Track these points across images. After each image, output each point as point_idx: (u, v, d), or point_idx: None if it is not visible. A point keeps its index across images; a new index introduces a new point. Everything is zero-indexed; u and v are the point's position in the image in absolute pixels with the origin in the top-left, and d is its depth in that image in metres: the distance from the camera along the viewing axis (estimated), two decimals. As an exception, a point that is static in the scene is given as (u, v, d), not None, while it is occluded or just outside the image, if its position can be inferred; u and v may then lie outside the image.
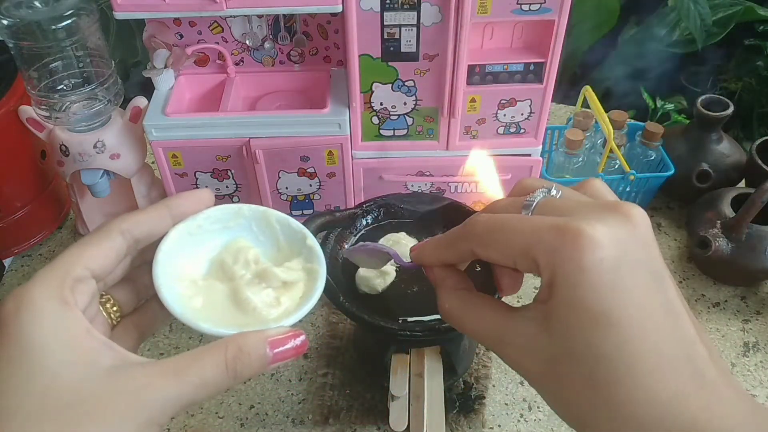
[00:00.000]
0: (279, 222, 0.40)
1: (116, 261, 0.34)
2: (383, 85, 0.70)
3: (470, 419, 0.63)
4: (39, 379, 0.28)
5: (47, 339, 0.29)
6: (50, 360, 0.29)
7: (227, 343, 0.32)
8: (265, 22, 0.76)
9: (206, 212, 0.37)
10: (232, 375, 0.31)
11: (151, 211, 0.36)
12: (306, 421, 0.64)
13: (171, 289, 0.34)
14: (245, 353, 0.32)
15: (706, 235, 0.74)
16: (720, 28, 1.43)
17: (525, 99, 0.71)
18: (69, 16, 0.64)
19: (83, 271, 0.32)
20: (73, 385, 0.29)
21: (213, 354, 0.31)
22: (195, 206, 0.37)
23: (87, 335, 0.30)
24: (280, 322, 0.35)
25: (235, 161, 0.75)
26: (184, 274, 0.37)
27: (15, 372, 0.28)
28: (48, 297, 0.30)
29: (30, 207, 0.80)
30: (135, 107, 0.73)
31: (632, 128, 0.87)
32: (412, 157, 0.76)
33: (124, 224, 0.34)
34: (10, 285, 0.79)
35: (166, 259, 0.35)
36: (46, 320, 0.29)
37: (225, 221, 0.39)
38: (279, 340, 0.33)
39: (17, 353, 0.29)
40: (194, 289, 0.37)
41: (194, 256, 0.38)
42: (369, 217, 0.60)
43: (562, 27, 0.65)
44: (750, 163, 0.83)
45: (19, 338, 0.29)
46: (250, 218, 0.39)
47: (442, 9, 0.63)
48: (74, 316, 0.30)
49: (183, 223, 0.36)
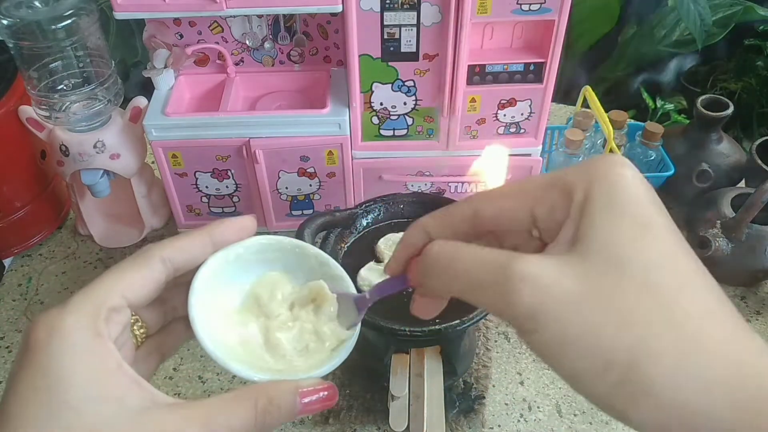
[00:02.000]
0: (318, 260, 0.39)
1: (155, 291, 0.33)
2: (383, 85, 0.70)
3: (470, 419, 0.63)
4: (66, 414, 0.27)
5: (76, 373, 0.28)
6: (77, 395, 0.28)
7: (258, 393, 0.31)
8: (265, 22, 0.76)
9: (247, 242, 0.36)
10: (260, 427, 0.30)
11: (193, 238, 0.34)
12: (306, 421, 0.64)
13: (204, 322, 0.34)
14: (275, 405, 0.31)
15: (706, 235, 0.74)
16: (720, 28, 1.43)
17: (525, 99, 0.71)
18: (69, 16, 0.64)
19: (120, 300, 0.31)
20: (98, 425, 0.28)
21: (243, 404, 0.30)
22: (237, 234, 0.36)
23: (117, 371, 0.29)
24: (309, 371, 0.34)
25: (235, 161, 0.75)
26: (218, 306, 0.36)
27: (41, 404, 0.27)
28: (81, 327, 0.29)
29: (30, 207, 0.80)
30: (135, 107, 0.73)
31: (632, 128, 0.87)
32: (412, 157, 0.76)
33: (165, 252, 0.32)
34: (9, 285, 0.79)
35: (202, 287, 0.34)
36: (77, 352, 0.28)
37: (264, 252, 0.37)
38: (310, 392, 0.32)
39: (44, 384, 0.28)
40: (227, 323, 0.36)
41: (230, 287, 0.36)
42: (369, 217, 0.60)
43: (562, 27, 0.65)
44: (750, 163, 0.83)
45: (48, 368, 0.28)
46: (290, 252, 0.38)
47: (442, 9, 0.63)
48: (107, 349, 0.29)
49: (222, 251, 0.35)
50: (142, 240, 0.84)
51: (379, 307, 0.53)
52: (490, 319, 0.73)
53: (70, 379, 0.28)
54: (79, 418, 0.28)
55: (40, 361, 0.28)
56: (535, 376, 0.68)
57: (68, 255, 0.83)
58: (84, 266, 0.82)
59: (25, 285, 0.79)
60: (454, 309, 0.52)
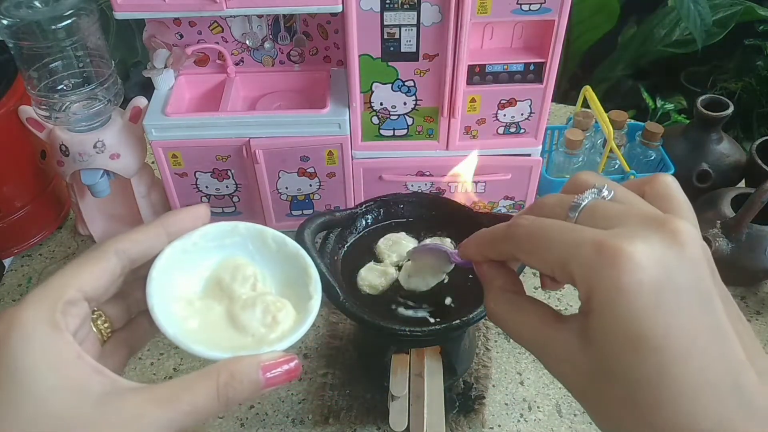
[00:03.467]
0: (275, 240, 0.39)
1: (110, 282, 0.33)
2: (383, 85, 0.70)
3: (470, 419, 0.63)
4: (27, 404, 0.28)
5: (36, 364, 0.29)
6: (39, 385, 0.28)
7: (219, 369, 0.31)
8: (265, 22, 0.76)
9: (202, 229, 0.37)
10: (224, 402, 0.31)
11: (147, 230, 0.35)
12: (306, 421, 0.64)
13: (164, 310, 0.34)
14: (237, 380, 0.31)
15: (706, 235, 0.74)
16: (720, 28, 1.43)
17: (525, 99, 0.71)
18: (69, 16, 0.64)
19: (76, 293, 0.31)
20: (62, 412, 0.28)
21: (205, 381, 0.31)
22: (191, 223, 0.36)
23: (77, 360, 0.30)
24: (274, 345, 0.35)
25: (235, 161, 0.75)
26: (178, 293, 0.36)
27: (2, 397, 0.28)
28: (39, 320, 0.29)
29: (30, 207, 0.80)
30: (135, 107, 0.73)
31: (632, 128, 0.87)
32: (412, 157, 0.76)
33: (119, 244, 0.33)
34: (9, 285, 0.79)
35: (160, 277, 0.35)
36: (35, 344, 0.29)
37: (221, 238, 0.38)
38: (272, 365, 0.32)
39: (5, 377, 0.28)
40: (190, 309, 0.36)
41: (189, 274, 0.37)
42: (369, 217, 0.60)
43: (562, 27, 0.65)
44: (750, 163, 0.83)
45: (8, 362, 0.28)
46: (246, 236, 0.39)
47: (442, 9, 0.63)
48: (64, 340, 0.30)
49: (178, 241, 0.36)
50: (142, 240, 0.83)
51: (380, 307, 0.53)
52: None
53: (31, 371, 0.28)
54: (42, 406, 0.28)
55: (1, 356, 0.29)
56: (535, 376, 0.68)
57: (68, 255, 0.83)
58: (84, 266, 0.82)
59: (25, 285, 0.79)
60: (455, 309, 0.52)
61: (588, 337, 0.27)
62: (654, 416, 0.26)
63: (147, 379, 0.68)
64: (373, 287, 0.54)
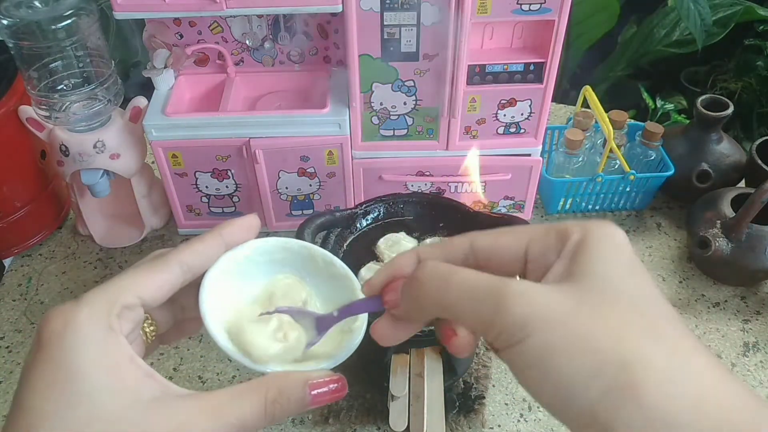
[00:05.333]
0: (324, 260, 0.39)
1: (170, 292, 0.33)
2: (383, 85, 0.70)
3: (470, 419, 0.63)
4: (82, 405, 0.28)
5: (91, 365, 0.29)
6: (93, 387, 0.28)
7: (268, 384, 0.31)
8: (265, 22, 0.76)
9: (254, 243, 0.37)
10: (270, 418, 0.31)
11: (207, 241, 0.35)
12: (306, 421, 0.64)
13: (215, 319, 0.34)
14: (285, 396, 0.31)
15: (706, 235, 0.74)
16: (720, 28, 1.43)
17: (525, 99, 0.71)
18: (69, 16, 0.64)
19: (134, 299, 0.31)
20: (115, 415, 0.28)
21: (253, 395, 0.31)
22: (246, 233, 0.37)
23: (130, 364, 0.30)
24: (320, 362, 0.35)
25: (235, 161, 0.75)
26: (228, 304, 0.36)
27: (57, 396, 0.28)
28: (95, 322, 0.29)
29: (30, 207, 0.80)
30: (135, 107, 0.73)
31: (632, 128, 0.87)
32: (412, 157, 0.76)
33: (183, 256, 0.33)
34: (9, 285, 0.79)
35: (212, 286, 0.35)
36: (91, 346, 0.29)
37: (271, 253, 0.38)
38: (319, 384, 0.33)
39: (60, 375, 0.28)
40: (239, 319, 0.36)
41: (239, 286, 0.37)
42: (369, 217, 0.60)
43: (562, 27, 0.65)
44: (750, 163, 0.83)
45: (63, 361, 0.28)
46: (296, 253, 0.39)
47: (442, 9, 0.63)
48: (119, 342, 0.30)
49: (231, 252, 0.36)
50: (142, 240, 0.84)
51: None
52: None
53: (84, 371, 0.28)
54: (95, 408, 0.28)
55: (55, 354, 0.29)
56: (535, 376, 0.68)
57: (68, 255, 0.83)
58: (84, 266, 0.82)
59: (25, 285, 0.79)
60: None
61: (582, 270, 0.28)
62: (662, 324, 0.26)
63: (147, 379, 0.68)
64: (373, 287, 0.54)
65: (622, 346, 0.25)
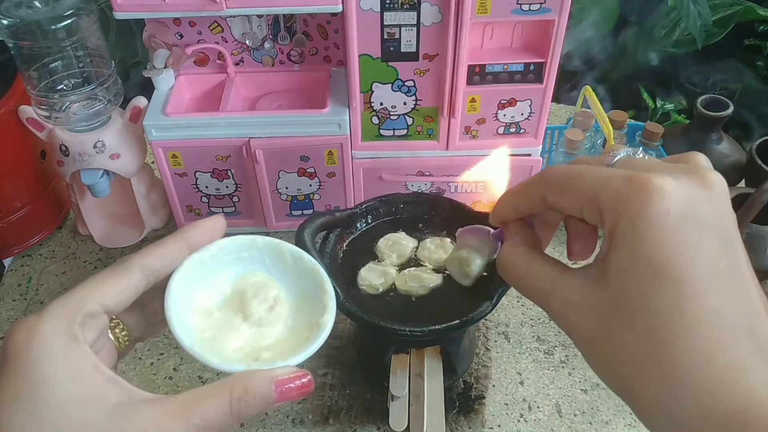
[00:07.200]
0: (292, 255, 0.39)
1: (133, 297, 0.34)
2: (383, 85, 0.70)
3: (470, 419, 0.63)
4: (47, 415, 0.28)
5: (55, 375, 0.29)
6: (58, 396, 0.29)
7: (233, 383, 0.32)
8: (265, 22, 0.76)
9: (220, 242, 0.37)
10: (236, 416, 0.31)
11: (169, 244, 0.35)
12: (306, 421, 0.64)
13: (181, 321, 0.34)
14: (250, 395, 0.32)
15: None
16: (720, 28, 1.43)
17: (525, 99, 0.71)
18: (69, 16, 0.64)
19: (96, 306, 0.32)
20: (80, 423, 0.29)
21: (218, 395, 0.31)
22: (210, 235, 0.37)
23: (94, 371, 0.30)
24: (287, 359, 0.35)
25: (235, 161, 0.75)
26: (196, 305, 0.36)
27: (23, 407, 0.28)
28: (57, 332, 0.30)
29: (30, 207, 0.80)
30: (135, 107, 0.73)
31: (632, 128, 0.87)
32: (412, 157, 0.76)
33: (144, 260, 0.34)
34: (9, 285, 0.79)
35: (179, 288, 0.35)
36: (54, 357, 0.29)
37: (238, 252, 0.38)
38: (285, 380, 0.33)
39: (26, 387, 0.29)
40: (207, 321, 0.37)
41: (207, 287, 0.37)
42: (369, 217, 0.60)
43: (562, 27, 0.65)
44: (750, 163, 0.83)
45: (28, 374, 0.29)
46: (263, 250, 0.39)
47: (442, 9, 0.63)
48: (82, 352, 0.30)
49: (196, 253, 0.36)
50: (142, 240, 0.84)
51: (379, 307, 0.53)
52: (490, 319, 0.73)
53: (50, 382, 0.29)
54: (61, 418, 0.29)
55: (19, 367, 0.29)
56: (535, 376, 0.68)
57: (68, 255, 0.83)
58: (84, 266, 0.82)
59: (25, 285, 0.79)
60: (455, 309, 0.52)
61: (607, 271, 0.28)
62: (667, 352, 0.25)
63: (147, 379, 0.68)
64: (373, 287, 0.54)
65: (619, 375, 0.28)
